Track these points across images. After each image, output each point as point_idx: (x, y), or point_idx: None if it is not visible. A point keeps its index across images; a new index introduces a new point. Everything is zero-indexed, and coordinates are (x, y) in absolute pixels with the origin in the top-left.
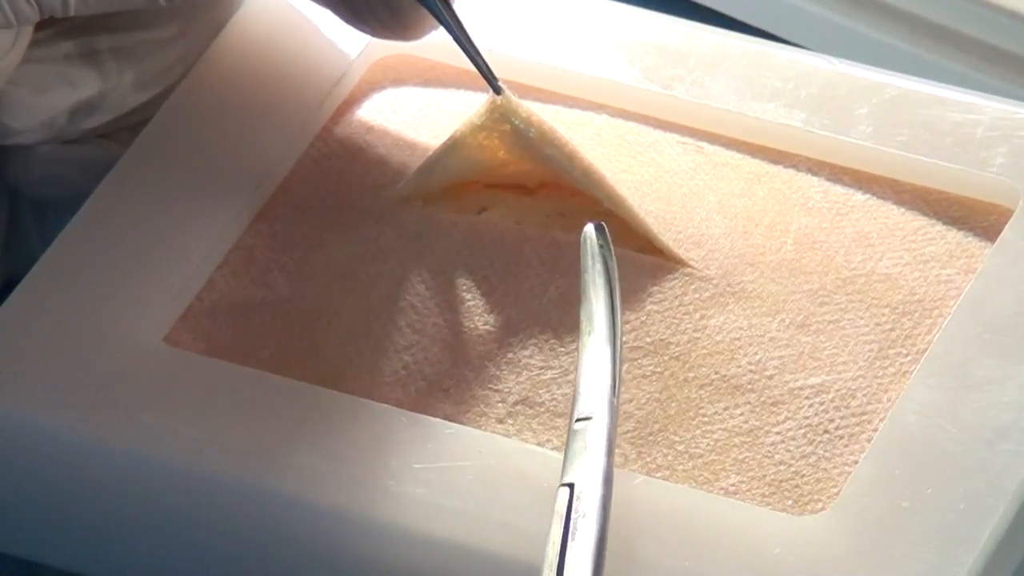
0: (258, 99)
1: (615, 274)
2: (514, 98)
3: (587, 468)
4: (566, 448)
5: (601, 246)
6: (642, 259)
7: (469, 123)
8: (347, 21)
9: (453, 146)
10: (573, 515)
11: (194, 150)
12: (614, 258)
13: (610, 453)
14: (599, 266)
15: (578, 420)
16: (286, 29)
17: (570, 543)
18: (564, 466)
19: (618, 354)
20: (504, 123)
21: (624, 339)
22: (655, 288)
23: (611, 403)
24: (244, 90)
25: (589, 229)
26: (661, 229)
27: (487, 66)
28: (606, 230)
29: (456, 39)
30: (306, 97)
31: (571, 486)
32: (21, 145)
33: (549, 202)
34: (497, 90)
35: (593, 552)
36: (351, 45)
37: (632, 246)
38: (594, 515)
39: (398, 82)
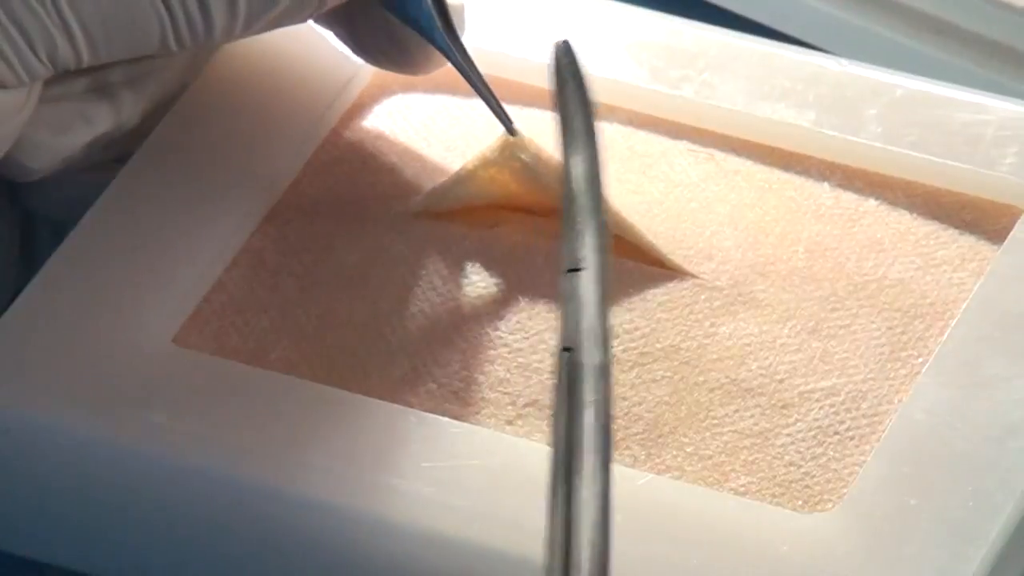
0: (267, 101)
1: (590, 96)
2: (525, 137)
3: (585, 332)
4: (559, 303)
5: (572, 64)
6: (652, 270)
7: (481, 157)
8: (352, 51)
9: (465, 177)
10: (577, 389)
11: (203, 152)
12: (587, 79)
13: (604, 314)
14: (572, 88)
15: (569, 270)
16: (295, 31)
17: (574, 424)
18: (560, 325)
19: (603, 189)
20: (515, 160)
21: (633, 344)
22: (665, 298)
23: (601, 249)
24: (253, 91)
25: (559, 47)
26: (671, 247)
27: (500, 107)
28: (573, 50)
29: (468, 79)
30: (315, 100)
31: (570, 351)
32: None
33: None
34: (512, 132)
35: (603, 435)
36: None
37: (643, 261)
38: (601, 394)
39: (408, 86)
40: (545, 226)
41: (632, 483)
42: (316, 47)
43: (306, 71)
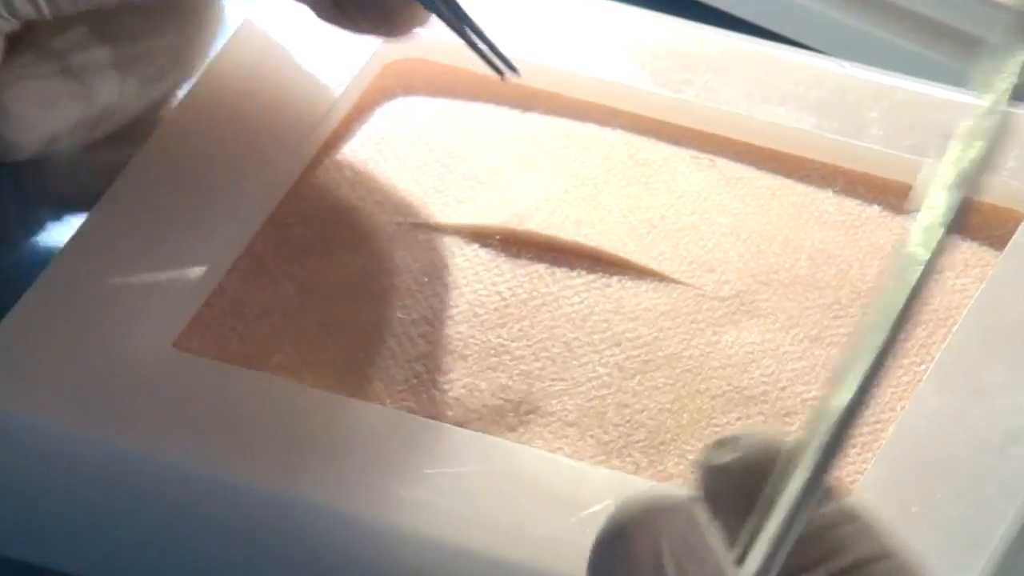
0: (267, 104)
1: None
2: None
3: (923, 234)
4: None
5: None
6: (655, 281)
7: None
8: (329, 19)
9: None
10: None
11: (203, 156)
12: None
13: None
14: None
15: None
16: (295, 32)
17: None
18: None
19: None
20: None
21: (636, 352)
22: (669, 308)
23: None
24: (253, 95)
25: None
26: (674, 262)
27: (495, 50)
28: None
29: (454, 28)
30: (315, 103)
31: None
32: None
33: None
34: (502, 72)
35: (894, 331)
36: (360, 50)
37: (646, 274)
38: (912, 291)
39: (409, 89)
40: (544, 235)
41: (634, 489)
42: (317, 49)
43: (307, 74)
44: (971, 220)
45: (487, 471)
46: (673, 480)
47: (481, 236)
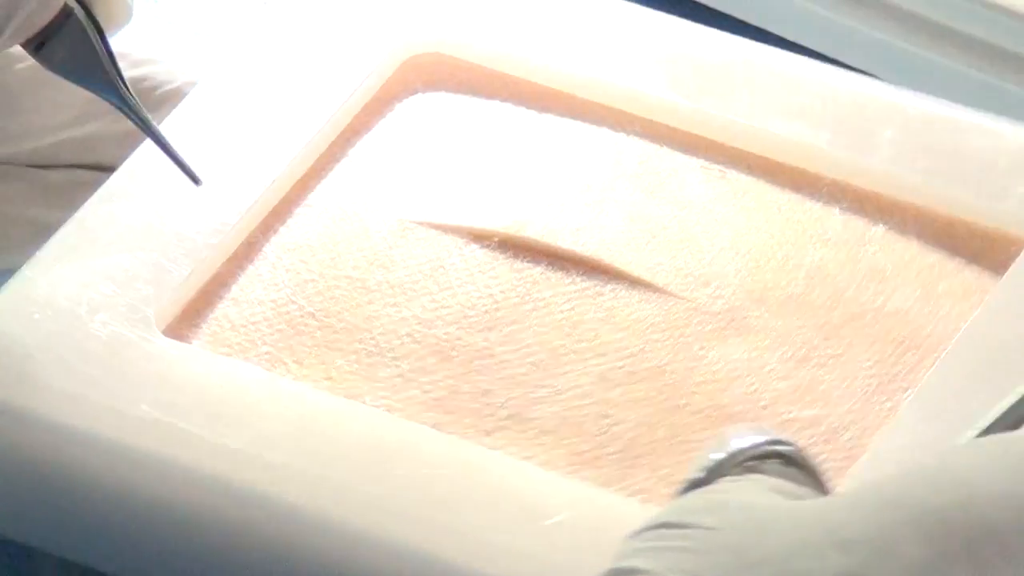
0: (281, 93)
1: None
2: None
3: None
4: None
5: None
6: (647, 292)
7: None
8: None
9: None
10: None
11: (213, 142)
12: None
13: None
14: None
15: None
16: (314, 23)
17: None
18: None
19: None
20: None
21: (620, 364)
22: (658, 319)
23: None
24: (267, 84)
25: None
26: (669, 274)
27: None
28: None
29: (150, 133)
30: (331, 95)
31: None
32: None
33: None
34: (197, 181)
35: None
36: (380, 43)
37: (639, 283)
38: None
39: (429, 84)
40: (543, 241)
41: (595, 504)
42: (334, 40)
43: (323, 65)
44: (975, 245)
45: (456, 475)
46: (641, 495)
47: (481, 238)
